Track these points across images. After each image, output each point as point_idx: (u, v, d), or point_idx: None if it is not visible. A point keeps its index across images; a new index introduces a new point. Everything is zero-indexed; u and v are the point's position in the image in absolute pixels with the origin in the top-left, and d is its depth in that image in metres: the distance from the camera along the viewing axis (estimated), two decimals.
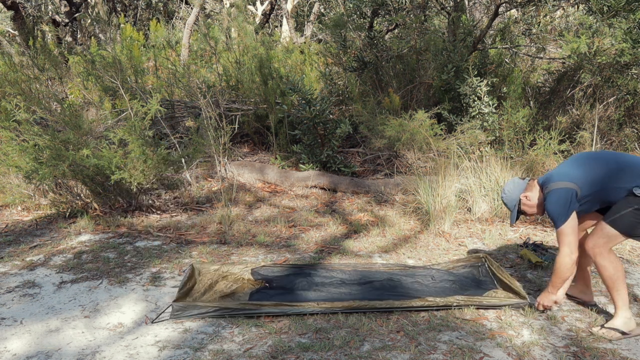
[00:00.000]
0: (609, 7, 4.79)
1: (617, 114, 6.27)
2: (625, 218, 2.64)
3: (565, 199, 2.66)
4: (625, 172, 2.67)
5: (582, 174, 2.72)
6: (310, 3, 12.88)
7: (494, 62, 6.44)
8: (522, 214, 2.98)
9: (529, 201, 2.90)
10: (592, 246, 2.73)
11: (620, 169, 2.69)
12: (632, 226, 2.65)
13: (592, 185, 2.69)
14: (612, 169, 2.70)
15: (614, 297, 2.72)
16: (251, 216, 4.75)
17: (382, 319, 2.86)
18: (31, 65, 6.36)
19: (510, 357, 2.52)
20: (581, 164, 2.79)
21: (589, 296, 3.08)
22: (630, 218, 2.63)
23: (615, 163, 2.74)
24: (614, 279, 2.68)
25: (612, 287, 2.70)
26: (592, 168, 2.75)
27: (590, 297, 3.08)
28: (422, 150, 5.41)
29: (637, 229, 2.66)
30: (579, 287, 3.09)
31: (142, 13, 13.36)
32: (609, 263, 2.68)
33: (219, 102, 5.98)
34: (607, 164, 2.74)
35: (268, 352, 2.53)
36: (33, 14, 10.11)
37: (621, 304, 2.70)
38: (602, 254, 2.69)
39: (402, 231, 4.32)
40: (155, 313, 2.93)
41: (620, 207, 2.66)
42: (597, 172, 2.71)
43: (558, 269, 2.75)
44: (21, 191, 4.72)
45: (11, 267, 3.54)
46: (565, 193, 2.67)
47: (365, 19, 6.65)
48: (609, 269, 2.68)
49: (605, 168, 2.72)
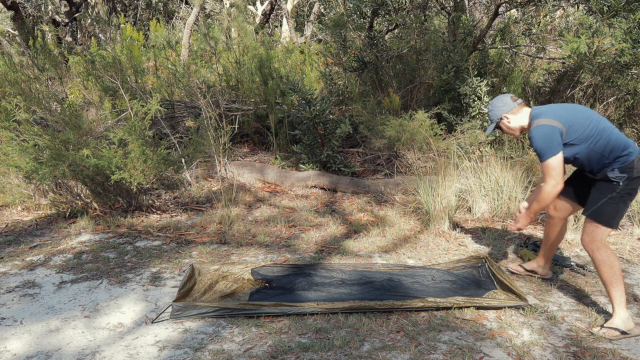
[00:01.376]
0: (609, 7, 4.79)
1: (617, 114, 6.27)
2: (602, 209, 2.73)
3: (552, 135, 2.73)
4: (604, 139, 2.72)
5: (568, 118, 2.77)
6: (310, 3, 12.88)
7: (494, 62, 6.44)
8: (499, 129, 3.10)
9: (508, 122, 3.01)
10: (587, 243, 2.80)
11: (607, 142, 2.72)
12: (611, 216, 2.73)
13: (576, 135, 2.74)
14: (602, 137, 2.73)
15: (612, 295, 2.75)
16: (251, 216, 4.75)
17: (382, 319, 2.86)
18: (31, 65, 6.37)
19: (510, 357, 2.52)
20: (578, 114, 2.80)
21: (545, 270, 3.32)
22: (607, 207, 2.72)
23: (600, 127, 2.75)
24: (611, 275, 2.72)
25: (609, 284, 2.74)
26: (581, 121, 2.77)
27: (546, 271, 3.32)
28: (422, 150, 5.41)
29: (615, 218, 2.74)
30: (539, 261, 3.32)
31: (142, 13, 13.37)
32: (606, 257, 2.73)
33: (219, 102, 5.98)
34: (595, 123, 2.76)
35: (268, 352, 2.53)
36: (33, 14, 10.11)
37: (618, 302, 2.73)
38: (600, 249, 2.75)
39: (402, 231, 4.32)
40: (155, 313, 2.93)
41: (596, 197, 2.77)
42: (584, 127, 2.75)
43: (542, 198, 2.84)
44: (21, 191, 4.72)
45: (11, 267, 3.54)
46: (550, 130, 2.74)
47: (365, 19, 6.65)
48: (606, 265, 2.73)
49: (591, 125, 2.75)
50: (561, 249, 3.92)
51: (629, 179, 2.69)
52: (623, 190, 2.71)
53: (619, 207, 2.74)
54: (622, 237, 4.09)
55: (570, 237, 4.08)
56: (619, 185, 2.70)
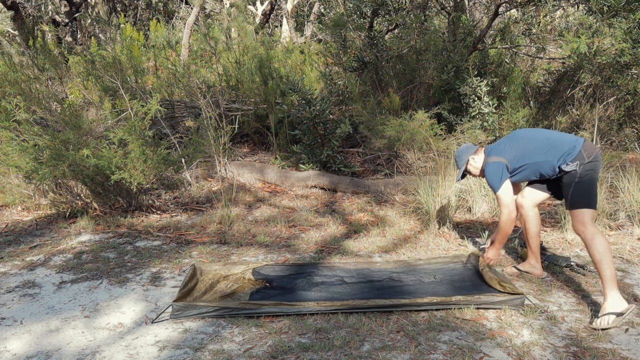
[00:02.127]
0: (609, 7, 4.79)
1: (617, 114, 6.27)
2: (575, 197, 3.02)
3: (497, 171, 3.21)
4: (546, 148, 3.11)
5: (510, 151, 3.22)
6: (310, 3, 12.88)
7: (494, 62, 6.44)
8: (468, 172, 3.50)
9: (474, 162, 3.43)
10: (577, 227, 3.01)
11: (541, 145, 3.13)
12: (586, 197, 3.00)
13: (519, 160, 3.19)
14: (536, 146, 3.15)
15: (602, 273, 2.88)
16: (251, 216, 4.75)
17: (382, 319, 2.86)
18: (31, 65, 6.37)
19: (510, 357, 2.52)
20: (512, 143, 3.25)
21: (539, 270, 3.44)
22: (578, 192, 3.01)
23: (538, 141, 3.18)
24: (602, 257, 2.88)
25: (599, 262, 2.89)
26: (520, 146, 3.20)
27: (540, 272, 3.44)
28: (422, 150, 5.41)
29: (590, 198, 3.01)
30: (531, 262, 3.45)
31: (142, 13, 13.37)
32: (598, 243, 2.91)
33: (219, 102, 5.98)
34: (533, 142, 3.19)
35: (268, 352, 2.53)
36: (33, 14, 10.11)
37: (608, 281, 2.86)
38: (590, 232, 2.95)
39: (402, 231, 4.32)
40: (155, 313, 2.93)
41: (566, 190, 3.06)
42: (523, 150, 3.18)
43: (502, 228, 3.28)
44: (21, 191, 4.72)
45: (11, 267, 3.54)
46: (497, 166, 3.22)
47: (365, 19, 6.65)
48: (598, 247, 2.90)
49: (530, 146, 3.18)
50: (561, 249, 3.92)
51: (582, 164, 3.00)
52: (583, 173, 3.00)
53: (588, 188, 3.02)
54: (622, 237, 4.09)
55: (570, 237, 4.08)
56: (577, 171, 3.01)
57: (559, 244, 4.00)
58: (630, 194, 4.30)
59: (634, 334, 2.74)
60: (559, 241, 4.05)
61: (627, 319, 2.79)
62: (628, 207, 4.29)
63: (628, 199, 4.30)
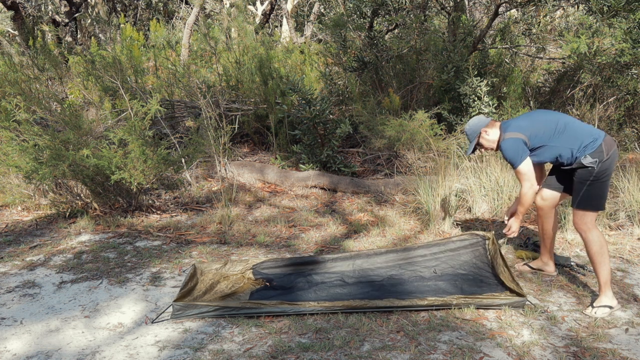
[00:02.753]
0: (609, 7, 4.79)
1: (617, 114, 6.27)
2: (586, 196, 2.99)
3: (517, 146, 3.11)
4: (566, 133, 3.04)
5: (530, 129, 3.13)
6: (310, 3, 12.88)
7: (494, 62, 6.44)
8: (479, 146, 3.36)
9: (487, 135, 3.28)
10: (579, 225, 3.04)
11: (562, 130, 3.06)
12: (596, 200, 3.00)
13: (539, 139, 3.10)
14: (557, 130, 3.07)
15: (599, 272, 2.98)
16: (251, 216, 4.75)
17: (382, 319, 2.86)
18: (31, 65, 6.37)
19: (510, 357, 2.52)
20: (533, 122, 3.17)
21: (552, 267, 3.47)
22: (589, 194, 2.99)
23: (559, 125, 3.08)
24: (599, 254, 2.96)
25: (597, 262, 2.98)
26: (539, 126, 3.12)
27: (552, 269, 3.47)
28: (422, 150, 5.41)
29: (600, 201, 3.01)
30: (544, 259, 3.48)
31: (142, 13, 13.37)
32: (596, 238, 2.98)
33: (219, 102, 5.98)
34: (553, 125, 3.10)
35: (268, 352, 2.53)
36: (33, 14, 10.11)
37: (604, 279, 2.97)
38: (590, 230, 3.00)
39: (402, 231, 4.32)
40: (155, 313, 2.93)
41: (578, 187, 3.03)
42: (543, 131, 3.10)
43: (522, 200, 3.19)
44: (21, 191, 4.72)
45: (11, 267, 3.54)
46: (516, 142, 3.11)
47: (365, 19, 6.65)
48: (596, 244, 2.97)
49: (550, 127, 3.09)
50: (561, 249, 3.92)
51: (601, 162, 2.95)
52: (599, 173, 2.96)
53: (600, 189, 3.00)
54: (622, 237, 4.09)
55: (570, 237, 4.08)
56: (594, 169, 2.96)
57: (559, 244, 4.00)
58: (630, 194, 4.30)
59: (634, 334, 2.75)
60: (559, 241, 4.05)
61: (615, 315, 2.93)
62: (628, 207, 4.29)
63: (628, 199, 4.30)
